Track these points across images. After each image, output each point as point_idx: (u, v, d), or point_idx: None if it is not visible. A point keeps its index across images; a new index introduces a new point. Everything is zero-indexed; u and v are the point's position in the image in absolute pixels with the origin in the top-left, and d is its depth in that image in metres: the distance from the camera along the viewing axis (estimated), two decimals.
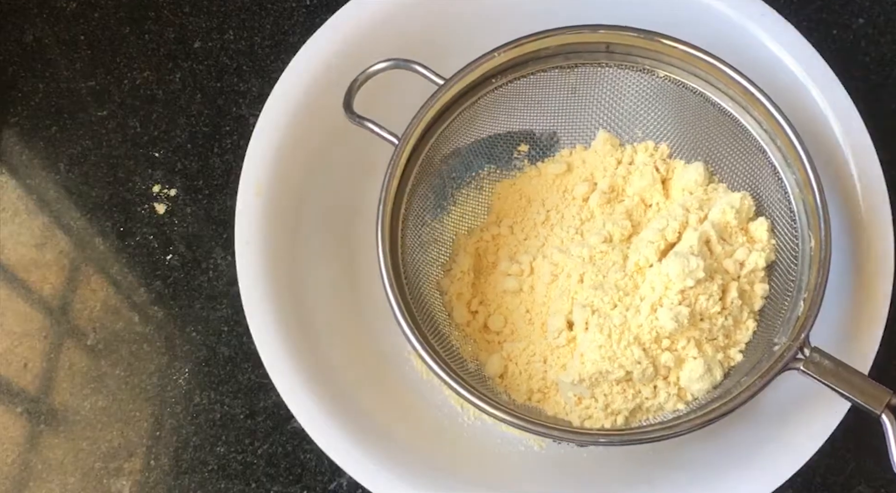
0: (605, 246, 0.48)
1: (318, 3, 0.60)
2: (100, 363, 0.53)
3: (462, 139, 0.50)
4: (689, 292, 0.44)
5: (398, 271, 0.45)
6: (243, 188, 0.49)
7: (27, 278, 0.55)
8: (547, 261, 0.48)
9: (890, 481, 0.50)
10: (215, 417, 0.52)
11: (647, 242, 0.46)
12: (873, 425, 0.51)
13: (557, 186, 0.52)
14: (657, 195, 0.50)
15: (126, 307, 0.54)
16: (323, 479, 0.51)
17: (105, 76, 0.59)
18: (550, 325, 0.47)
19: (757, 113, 0.47)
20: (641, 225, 0.49)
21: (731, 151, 0.49)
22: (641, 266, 0.46)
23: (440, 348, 0.45)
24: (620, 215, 0.49)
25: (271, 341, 0.46)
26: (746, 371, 0.44)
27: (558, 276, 0.48)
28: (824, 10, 0.59)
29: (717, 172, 0.50)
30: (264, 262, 0.48)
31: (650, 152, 0.51)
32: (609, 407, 0.45)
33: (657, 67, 0.49)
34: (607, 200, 0.50)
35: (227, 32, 0.60)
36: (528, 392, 0.47)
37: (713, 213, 0.47)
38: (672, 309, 0.44)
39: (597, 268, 0.47)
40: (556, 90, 0.50)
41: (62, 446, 0.52)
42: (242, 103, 0.58)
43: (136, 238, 0.55)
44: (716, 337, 0.45)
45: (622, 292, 0.45)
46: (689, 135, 0.50)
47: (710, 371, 0.45)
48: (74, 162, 0.57)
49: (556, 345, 0.47)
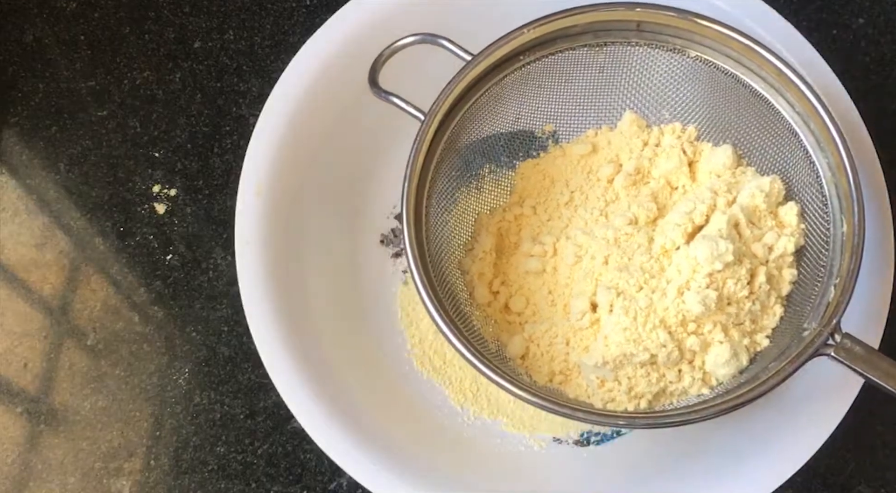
0: (630, 228, 0.47)
1: (318, 3, 0.60)
2: (100, 363, 0.53)
3: (488, 116, 0.50)
4: (717, 276, 0.43)
5: (422, 248, 0.45)
6: (243, 188, 0.49)
7: (27, 278, 0.55)
8: (570, 242, 0.48)
9: (890, 481, 0.50)
10: (215, 417, 0.52)
11: (673, 225, 0.46)
12: (873, 424, 0.51)
13: (582, 167, 0.51)
14: (683, 178, 0.49)
15: (126, 307, 0.54)
16: (323, 479, 0.51)
17: (105, 76, 0.59)
18: (574, 307, 0.46)
19: (791, 95, 0.46)
20: (667, 208, 0.48)
21: (761, 134, 0.48)
22: (668, 249, 0.45)
23: (463, 327, 0.44)
24: (646, 198, 0.48)
25: (271, 341, 0.46)
26: (773, 357, 0.44)
27: (582, 257, 0.47)
28: (824, 10, 0.59)
29: (746, 156, 0.49)
30: (264, 262, 0.48)
31: (677, 134, 0.50)
32: (633, 390, 0.44)
33: (688, 47, 0.48)
34: (632, 182, 0.49)
35: (227, 32, 0.60)
36: (549, 374, 0.46)
37: (742, 196, 0.46)
38: (699, 292, 0.43)
39: (622, 250, 0.46)
40: (584, 69, 0.50)
41: (62, 446, 0.52)
42: (242, 103, 0.58)
43: (136, 238, 0.55)
44: (742, 322, 0.45)
45: (648, 274, 0.45)
46: (719, 117, 0.49)
47: (737, 356, 0.44)
48: (74, 162, 0.57)
49: (578, 327, 0.46)
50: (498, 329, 0.48)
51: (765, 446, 0.45)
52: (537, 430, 0.49)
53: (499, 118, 0.50)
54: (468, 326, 0.46)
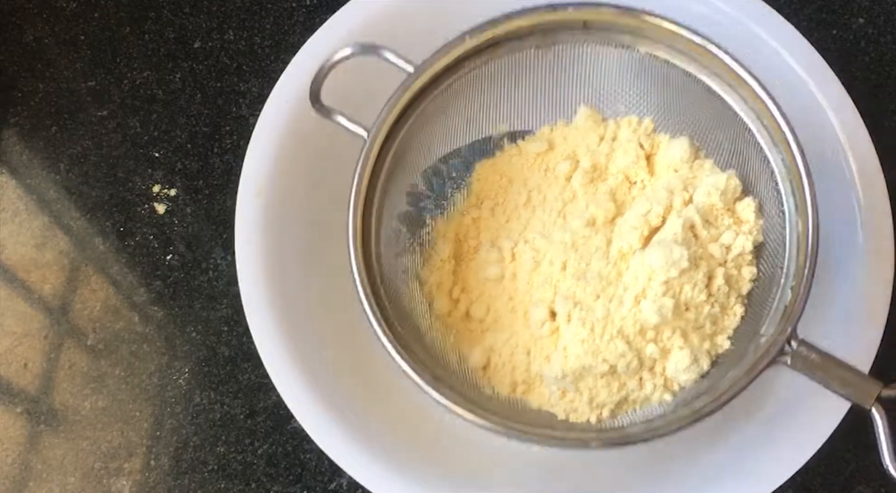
0: (587, 230, 0.46)
1: (318, 3, 0.60)
2: (100, 363, 0.53)
3: (437, 125, 0.48)
4: (673, 283, 0.43)
5: (371, 268, 0.44)
6: (243, 188, 0.49)
7: (27, 278, 0.55)
8: (529, 246, 0.47)
9: (890, 481, 0.50)
10: (215, 417, 0.52)
11: (630, 228, 0.45)
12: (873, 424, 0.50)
13: (539, 165, 0.50)
14: (642, 172, 0.48)
15: (126, 307, 0.54)
16: (323, 479, 0.51)
17: (105, 76, 0.59)
18: (533, 315, 0.46)
19: (744, 92, 0.45)
20: (626, 204, 0.48)
21: (716, 129, 0.47)
22: (625, 253, 0.45)
23: (419, 349, 0.44)
24: (604, 196, 0.48)
25: (271, 341, 0.46)
26: (736, 360, 0.43)
27: (540, 263, 0.47)
28: (824, 10, 0.59)
29: (704, 147, 0.48)
30: (264, 262, 0.48)
31: (633, 127, 0.49)
32: (594, 401, 0.44)
33: (638, 43, 0.46)
34: (590, 180, 0.48)
35: (227, 32, 0.60)
36: (511, 384, 0.46)
37: (698, 195, 0.45)
38: (656, 301, 0.43)
39: (579, 255, 0.46)
40: (534, 70, 0.48)
41: (62, 446, 0.52)
42: (242, 103, 0.58)
43: (136, 238, 0.55)
44: (702, 325, 0.44)
45: (605, 281, 0.44)
46: (674, 110, 0.48)
47: (697, 361, 0.44)
48: (74, 162, 0.57)
49: (539, 335, 0.46)
50: (459, 339, 0.48)
51: (765, 445, 0.45)
52: None
53: (449, 126, 0.49)
54: (425, 345, 0.46)
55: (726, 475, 0.45)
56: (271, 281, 0.48)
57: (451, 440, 0.49)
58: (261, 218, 0.48)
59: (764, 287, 0.45)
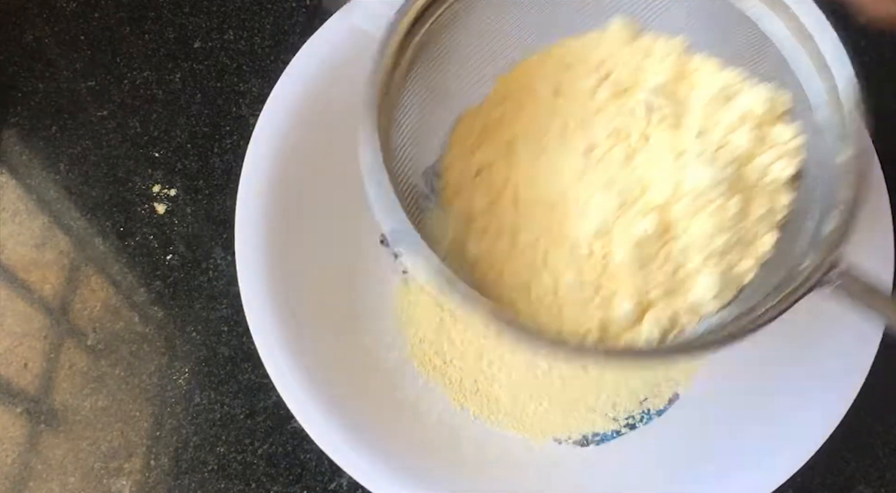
0: (611, 141, 0.44)
1: (318, 3, 0.60)
2: (100, 363, 0.53)
3: (462, 23, 0.46)
4: (708, 199, 0.41)
5: (390, 161, 0.42)
6: (243, 188, 0.49)
7: (27, 278, 0.55)
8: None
9: (890, 481, 0.50)
10: (215, 417, 0.52)
11: (669, 145, 0.43)
12: (873, 425, 0.51)
13: (566, 74, 0.47)
14: (679, 89, 0.46)
15: (126, 307, 0.54)
16: (323, 479, 0.51)
17: (105, 76, 0.59)
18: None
19: (786, 16, 0.44)
20: (664, 122, 0.45)
21: (755, 54, 0.45)
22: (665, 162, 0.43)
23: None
24: (634, 109, 0.45)
25: (271, 341, 0.46)
26: (767, 291, 0.41)
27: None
28: (824, 10, 0.59)
29: (741, 69, 0.45)
30: (264, 262, 0.48)
31: (669, 44, 0.46)
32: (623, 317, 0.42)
33: None
34: (623, 90, 0.46)
35: (227, 32, 0.60)
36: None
37: (739, 105, 0.44)
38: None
39: (604, 166, 0.43)
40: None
41: (62, 446, 0.52)
42: (242, 103, 0.58)
43: (136, 238, 0.55)
44: (730, 250, 0.42)
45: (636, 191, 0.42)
46: (710, 33, 0.46)
47: (725, 289, 0.42)
48: (74, 162, 0.57)
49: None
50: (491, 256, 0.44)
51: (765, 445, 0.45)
52: (537, 430, 0.49)
53: (474, 24, 0.46)
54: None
55: (727, 474, 0.45)
56: (271, 281, 0.48)
57: (450, 440, 0.49)
58: (261, 218, 0.48)
59: (800, 217, 0.43)
